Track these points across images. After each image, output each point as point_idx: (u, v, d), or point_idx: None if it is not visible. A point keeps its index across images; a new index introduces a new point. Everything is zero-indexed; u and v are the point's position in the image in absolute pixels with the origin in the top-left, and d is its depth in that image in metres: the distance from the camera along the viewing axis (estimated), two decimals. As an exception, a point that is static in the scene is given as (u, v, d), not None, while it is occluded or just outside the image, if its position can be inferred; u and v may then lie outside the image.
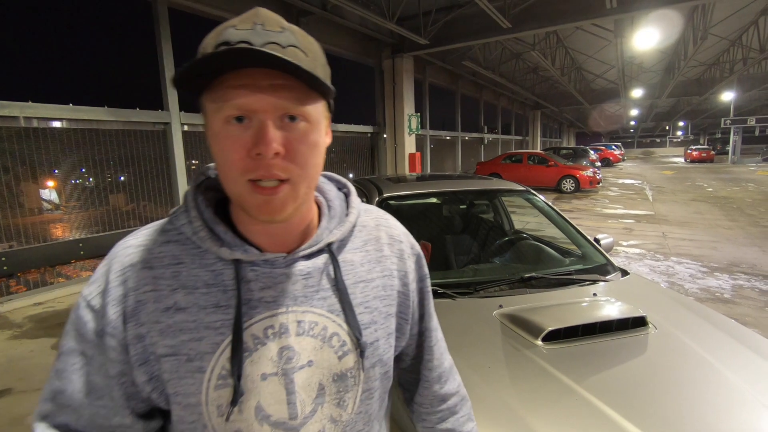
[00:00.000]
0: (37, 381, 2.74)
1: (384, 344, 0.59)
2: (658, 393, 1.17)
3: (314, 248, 0.55)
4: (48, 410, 0.52)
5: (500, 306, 1.59)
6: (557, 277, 1.86)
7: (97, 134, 4.89)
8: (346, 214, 0.60)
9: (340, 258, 0.57)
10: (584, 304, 1.62)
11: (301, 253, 0.54)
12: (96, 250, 4.91)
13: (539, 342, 1.36)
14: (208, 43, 0.47)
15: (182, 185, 5.66)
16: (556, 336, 1.37)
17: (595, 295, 1.71)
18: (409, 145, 9.94)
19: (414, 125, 9.90)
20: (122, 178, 5.32)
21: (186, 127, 5.75)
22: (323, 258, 0.55)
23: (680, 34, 12.20)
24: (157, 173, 5.55)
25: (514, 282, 1.79)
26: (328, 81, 0.49)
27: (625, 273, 1.97)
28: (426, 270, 0.67)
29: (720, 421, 1.07)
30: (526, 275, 1.82)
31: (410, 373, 0.72)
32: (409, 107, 9.83)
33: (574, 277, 1.87)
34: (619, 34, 10.31)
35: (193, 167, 6.07)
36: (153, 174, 5.50)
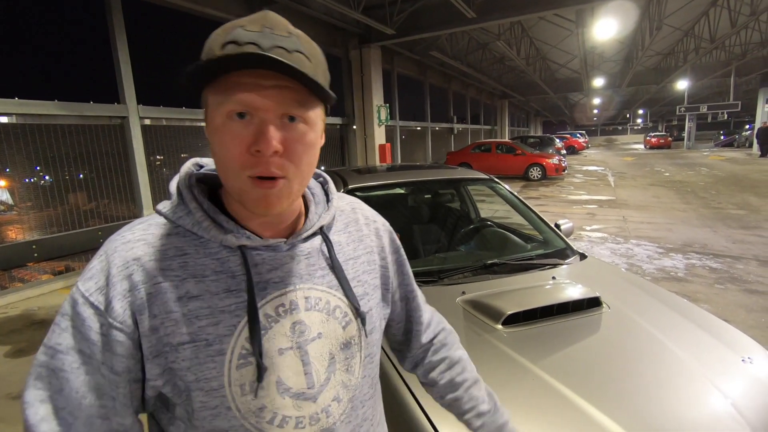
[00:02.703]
0: (-11, 391, 2.60)
1: (376, 312, 0.66)
2: (610, 369, 1.22)
3: (309, 232, 0.60)
4: (43, 414, 0.48)
5: (463, 293, 1.62)
6: (519, 262, 1.91)
7: (48, 129, 4.63)
8: (327, 201, 0.65)
9: (330, 239, 0.63)
10: (543, 287, 1.68)
11: (300, 238, 0.58)
12: (52, 252, 4.68)
13: (499, 326, 1.39)
14: (216, 41, 0.49)
15: (143, 181, 5.45)
16: (515, 319, 1.41)
17: (554, 278, 1.77)
18: (379, 136, 9.92)
19: (383, 116, 9.87)
20: (81, 176, 5.07)
21: (147, 121, 5.53)
22: (318, 240, 0.61)
23: (637, 24, 12.64)
24: (117, 170, 5.32)
25: (477, 269, 1.83)
26: (328, 87, 0.52)
27: (583, 256, 2.04)
28: (398, 242, 0.75)
29: (668, 395, 1.13)
30: (489, 262, 1.86)
31: (402, 333, 0.78)
32: (378, 98, 9.79)
33: (534, 261, 1.93)
34: (581, 24, 10.58)
35: (157, 163, 5.85)
36: (112, 171, 5.27)
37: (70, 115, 4.75)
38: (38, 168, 4.75)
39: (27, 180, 4.68)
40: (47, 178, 4.83)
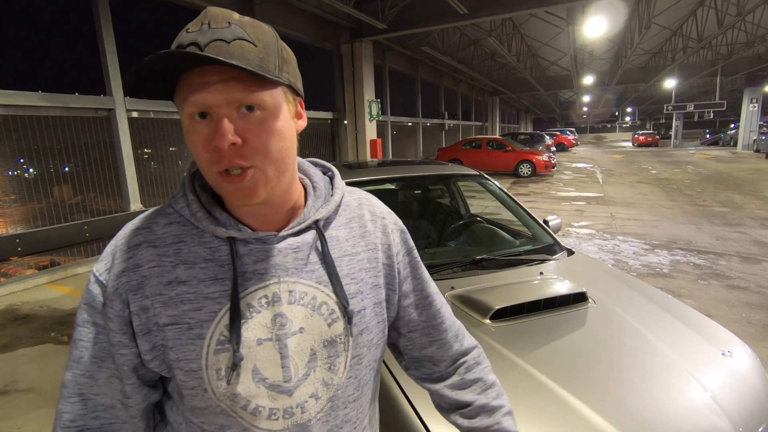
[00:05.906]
0: (-28, 387, 2.56)
1: (371, 312, 0.63)
2: (594, 363, 1.25)
3: (302, 225, 0.59)
4: (69, 379, 0.57)
5: (452, 288, 1.64)
6: (507, 258, 1.93)
7: (32, 121, 4.54)
8: (332, 195, 0.64)
9: (327, 234, 0.61)
10: (531, 282, 1.70)
11: (291, 231, 0.58)
12: (37, 246, 4.59)
13: (487, 320, 1.41)
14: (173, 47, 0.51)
15: (130, 174, 5.38)
16: (503, 314, 1.43)
17: (541, 274, 1.79)
18: (371, 131, 9.90)
19: (374, 111, 9.85)
20: (66, 169, 4.98)
21: (135, 114, 5.44)
22: (311, 234, 0.59)
23: (626, 23, 12.75)
24: (104, 163, 5.24)
25: (466, 264, 1.85)
26: (275, 68, 0.51)
27: (570, 252, 2.07)
28: (411, 242, 0.73)
29: (650, 388, 1.16)
30: (478, 257, 1.88)
31: (426, 346, 0.73)
32: (369, 93, 9.76)
33: (523, 257, 1.95)
34: (571, 22, 10.64)
35: (144, 156, 5.76)
36: (99, 163, 5.18)
37: (55, 107, 4.66)
38: (22, 160, 4.66)
39: (10, 173, 4.59)
40: (31, 170, 4.74)
